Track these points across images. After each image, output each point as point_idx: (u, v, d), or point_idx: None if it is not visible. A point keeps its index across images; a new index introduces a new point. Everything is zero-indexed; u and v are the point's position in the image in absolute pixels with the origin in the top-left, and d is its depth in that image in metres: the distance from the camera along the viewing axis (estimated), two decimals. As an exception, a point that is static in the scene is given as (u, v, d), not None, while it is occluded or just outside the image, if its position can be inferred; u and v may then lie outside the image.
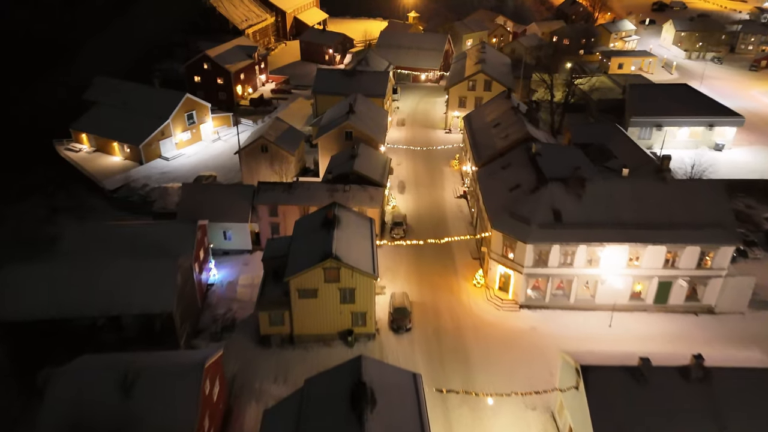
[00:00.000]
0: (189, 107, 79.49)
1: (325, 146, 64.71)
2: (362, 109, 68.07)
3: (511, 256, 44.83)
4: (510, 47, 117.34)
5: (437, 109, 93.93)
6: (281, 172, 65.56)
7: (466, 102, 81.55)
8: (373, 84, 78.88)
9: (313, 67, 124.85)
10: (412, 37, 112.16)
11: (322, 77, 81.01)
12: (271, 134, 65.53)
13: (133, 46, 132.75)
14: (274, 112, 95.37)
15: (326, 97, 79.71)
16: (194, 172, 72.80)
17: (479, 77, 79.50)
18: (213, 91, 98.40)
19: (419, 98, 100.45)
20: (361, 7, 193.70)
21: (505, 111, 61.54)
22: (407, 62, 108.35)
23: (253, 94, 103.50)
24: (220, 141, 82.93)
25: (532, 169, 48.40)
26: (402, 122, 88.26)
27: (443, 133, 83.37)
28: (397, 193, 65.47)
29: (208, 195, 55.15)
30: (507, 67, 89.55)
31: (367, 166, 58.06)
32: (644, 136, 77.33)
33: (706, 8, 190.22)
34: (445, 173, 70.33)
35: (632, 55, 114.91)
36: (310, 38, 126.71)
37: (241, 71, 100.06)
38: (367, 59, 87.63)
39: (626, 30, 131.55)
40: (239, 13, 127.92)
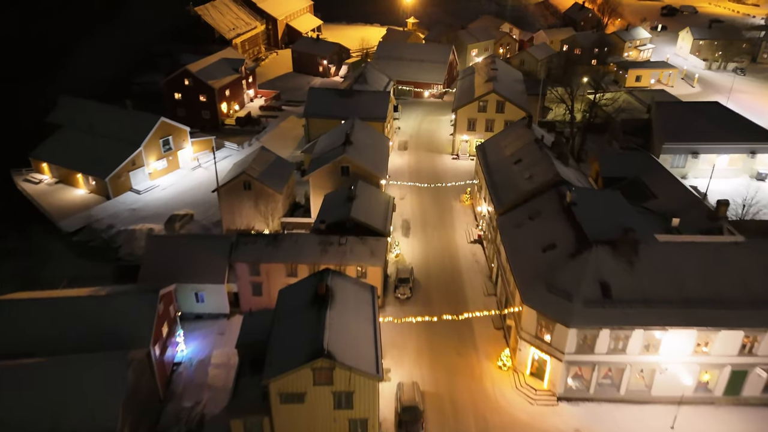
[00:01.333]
0: (165, 132, 70.47)
1: (318, 184, 55.83)
2: (360, 137, 59.22)
3: (547, 339, 36.06)
4: (519, 58, 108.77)
5: (442, 130, 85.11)
6: (267, 213, 56.62)
7: (475, 125, 72.80)
8: (373, 106, 70.06)
9: (306, 79, 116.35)
10: (413, 49, 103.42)
11: (315, 98, 72.08)
12: (254, 169, 56.58)
13: (116, 55, 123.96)
14: (262, 132, 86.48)
15: (319, 121, 70.85)
16: (168, 208, 63.79)
17: (491, 98, 70.75)
18: (195, 109, 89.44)
19: (422, 116, 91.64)
20: (357, 13, 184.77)
21: (526, 143, 52.76)
22: (408, 76, 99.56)
23: (239, 112, 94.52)
24: (200, 169, 73.91)
25: (569, 224, 39.63)
26: (404, 146, 79.41)
27: (450, 159, 74.56)
28: (400, 236, 56.65)
29: (176, 250, 46.09)
30: (520, 84, 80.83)
31: (367, 210, 49.21)
32: (678, 164, 68.76)
33: (718, 13, 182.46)
34: (455, 210, 61.50)
35: (650, 66, 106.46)
36: (303, 48, 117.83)
37: (227, 87, 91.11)
38: (365, 75, 78.77)
39: (641, 38, 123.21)
40: (227, 22, 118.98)
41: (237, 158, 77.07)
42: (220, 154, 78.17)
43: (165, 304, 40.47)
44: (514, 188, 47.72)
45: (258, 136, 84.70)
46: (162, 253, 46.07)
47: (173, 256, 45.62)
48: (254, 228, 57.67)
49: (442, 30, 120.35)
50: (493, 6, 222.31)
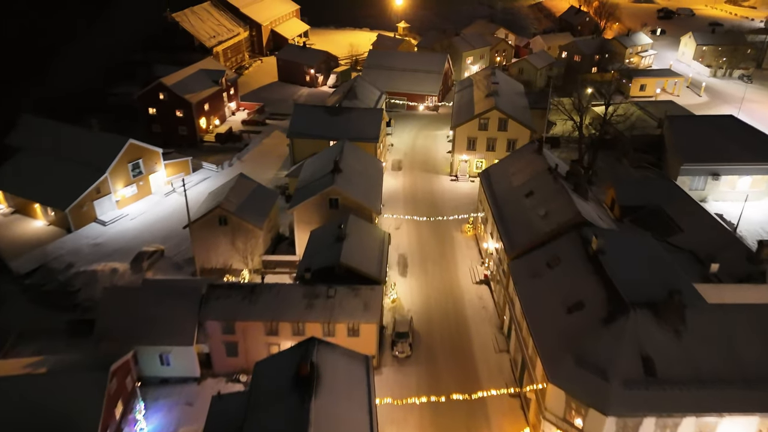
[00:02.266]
0: (134, 155, 63.74)
1: (304, 218, 49.48)
2: (351, 162, 52.98)
3: (578, 424, 30.01)
4: (517, 67, 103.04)
5: (439, 146, 79.04)
6: (246, 251, 50.26)
7: (476, 144, 66.80)
8: (364, 124, 63.83)
9: (292, 90, 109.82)
10: (406, 57, 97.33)
11: (300, 116, 65.64)
12: (231, 201, 50.13)
13: (93, 64, 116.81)
14: (244, 150, 79.91)
15: (306, 141, 64.51)
16: (137, 242, 57.14)
17: (492, 115, 64.77)
18: (171, 125, 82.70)
19: (416, 131, 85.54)
20: (346, 17, 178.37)
21: (538, 172, 46.75)
22: (401, 87, 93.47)
23: (220, 127, 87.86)
24: (175, 194, 67.24)
25: (598, 278, 33.64)
26: (398, 165, 73.23)
27: (448, 180, 68.48)
28: (397, 275, 50.46)
29: (137, 305, 39.54)
30: (522, 97, 74.94)
31: (359, 252, 42.98)
32: (697, 187, 63.19)
33: (715, 15, 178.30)
34: (456, 242, 55.40)
35: (655, 74, 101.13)
36: (289, 56, 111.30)
37: (205, 101, 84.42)
38: (355, 90, 72.41)
39: (642, 44, 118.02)
40: (207, 29, 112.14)
41: (216, 181, 70.82)
42: (197, 177, 71.63)
43: (119, 378, 33.99)
44: (528, 227, 41.65)
45: (239, 155, 78.17)
46: (120, 308, 39.52)
47: (133, 311, 39.08)
48: (231, 266, 51.30)
49: (435, 36, 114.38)
50: (486, 9, 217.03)
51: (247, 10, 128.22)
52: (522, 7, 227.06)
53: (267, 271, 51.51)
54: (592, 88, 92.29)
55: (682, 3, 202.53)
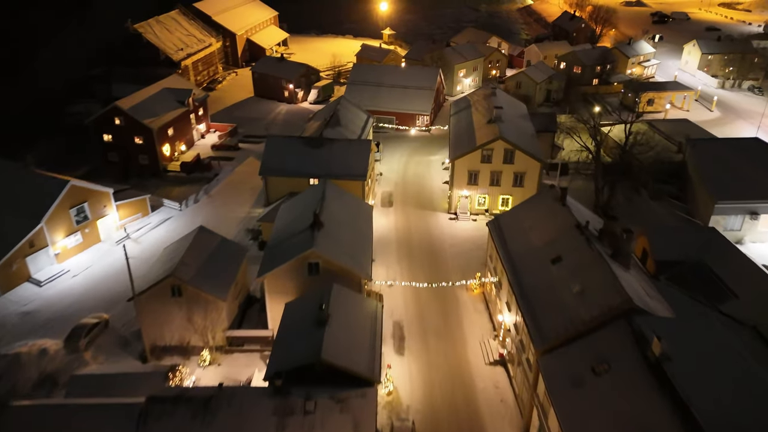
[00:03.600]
0: (77, 199, 53.92)
1: (277, 287, 40.25)
2: (334, 211, 43.92)
3: None
4: (515, 81, 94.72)
5: (433, 175, 70.27)
6: (206, 326, 40.97)
7: (478, 177, 58.11)
8: (349, 159, 54.75)
9: (269, 106, 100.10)
10: (394, 72, 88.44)
11: (274, 151, 56.23)
12: (188, 265, 40.70)
13: (52, 79, 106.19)
14: (213, 181, 70.38)
15: (282, 180, 55.28)
16: (76, 308, 47.42)
17: (497, 146, 56.12)
18: (130, 153, 72.85)
19: (407, 156, 76.67)
20: (327, 23, 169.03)
21: (563, 230, 38.09)
22: (389, 105, 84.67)
23: (187, 154, 78.10)
24: (129, 240, 57.53)
25: (666, 401, 25.04)
26: (388, 199, 64.27)
27: (447, 219, 59.70)
28: (392, 352, 41.52)
29: (52, 428, 29.95)
30: (526, 120, 66.46)
31: (347, 341, 33.87)
32: (732, 227, 55.23)
33: (710, 19, 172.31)
34: (461, 303, 46.52)
35: (664, 88, 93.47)
36: (265, 69, 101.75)
37: (169, 125, 74.65)
38: (338, 116, 63.15)
39: (644, 53, 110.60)
40: (174, 40, 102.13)
41: (178, 222, 61.31)
42: (157, 217, 61.96)
43: None
44: (559, 309, 32.91)
45: (207, 188, 68.57)
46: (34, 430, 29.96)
47: (49, 437, 29.56)
48: (188, 343, 41.89)
49: (424, 47, 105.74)
50: (472, 13, 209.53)
51: (219, 19, 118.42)
52: (510, 11, 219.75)
53: (233, 348, 42.23)
54: (599, 105, 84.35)
55: (675, 6, 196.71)
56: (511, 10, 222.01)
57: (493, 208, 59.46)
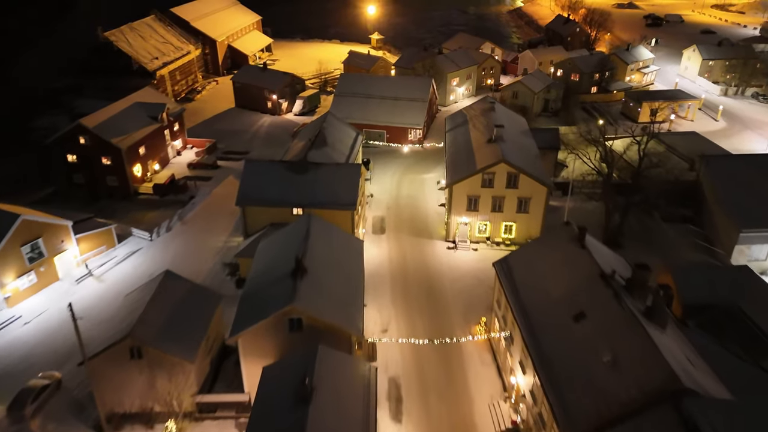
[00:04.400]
0: (30, 234, 47.85)
1: (253, 348, 34.65)
2: (320, 253, 38.45)
3: None
4: (511, 90, 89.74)
5: (428, 196, 64.99)
6: (171, 394, 35.26)
7: (478, 203, 52.90)
8: (337, 186, 49.21)
9: (252, 118, 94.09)
10: (384, 83, 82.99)
11: (253, 178, 50.50)
12: (149, 322, 34.97)
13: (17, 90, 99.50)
14: (189, 205, 64.54)
15: (261, 210, 49.62)
16: (24, 366, 41.36)
17: (500, 169, 50.94)
18: (98, 174, 66.74)
19: (400, 173, 71.33)
20: (313, 26, 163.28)
21: (585, 279, 32.90)
22: (379, 118, 79.27)
23: (160, 174, 72.13)
24: (91, 278, 51.59)
25: None
26: (381, 225, 58.86)
27: (445, 248, 54.41)
28: (388, 419, 36.07)
29: None
30: (528, 137, 61.43)
31: (335, 423, 28.43)
32: (757, 257, 50.56)
33: (705, 22, 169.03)
34: (466, 354, 40.89)
35: (667, 96, 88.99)
36: (247, 79, 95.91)
37: (141, 143, 68.63)
38: (324, 135, 57.55)
39: (644, 59, 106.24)
40: (149, 48, 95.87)
41: (148, 254, 55.45)
42: (124, 250, 56.04)
43: None
44: (588, 382, 27.70)
45: (182, 213, 62.71)
46: None
47: None
48: (152, 410, 36.19)
49: (414, 54, 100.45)
50: (462, 17, 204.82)
51: (198, 25, 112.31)
52: (500, 13, 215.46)
53: (203, 416, 36.59)
54: (602, 118, 79.81)
55: (667, 8, 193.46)
56: (501, 12, 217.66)
57: (496, 235, 54.34)
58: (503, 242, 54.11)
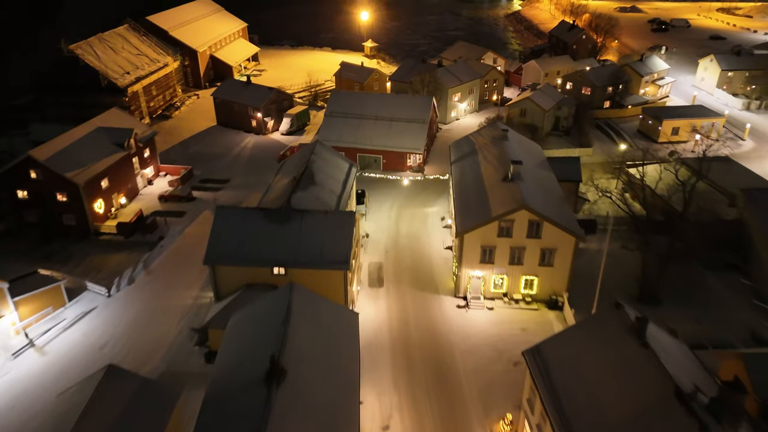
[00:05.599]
0: (-48, 302, 39.34)
1: (213, 486, 26.31)
2: (304, 337, 30.19)
3: None
4: (519, 108, 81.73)
5: (432, 236, 56.86)
6: None
7: (493, 254, 44.79)
8: (326, 240, 40.87)
9: (234, 138, 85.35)
10: (380, 102, 74.65)
11: (225, 227, 42.01)
12: (78, 449, 26.59)
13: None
14: (157, 248, 56.17)
15: (234, 270, 41.18)
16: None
17: (520, 216, 42.89)
18: (52, 212, 58.18)
19: (398, 207, 63.18)
20: (303, 32, 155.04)
21: (653, 395, 24.86)
22: (374, 141, 71.11)
23: (126, 208, 63.62)
24: (31, 351, 43.01)
25: None
26: (378, 275, 50.58)
27: (455, 307, 46.23)
28: None
29: None
30: (547, 170, 53.44)
31: None
32: (825, 318, 42.79)
33: (712, 26, 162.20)
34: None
35: (688, 113, 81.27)
36: (229, 95, 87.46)
37: (103, 175, 60.16)
38: (312, 171, 49.16)
39: (658, 70, 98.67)
40: (120, 62, 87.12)
41: (104, 314, 46.95)
42: (75, 309, 47.48)
43: None
44: None
45: (147, 259, 54.27)
46: None
47: None
48: None
49: (411, 67, 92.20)
50: (457, 20, 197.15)
51: (177, 34, 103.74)
52: (496, 17, 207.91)
53: None
54: (624, 142, 72.06)
55: (671, 12, 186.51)
56: (498, 16, 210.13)
57: (514, 291, 46.27)
58: (523, 299, 46.08)
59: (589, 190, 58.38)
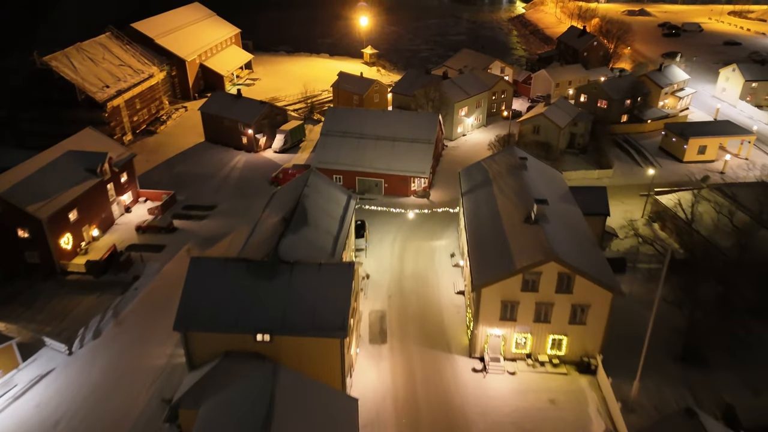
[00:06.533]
0: None
1: None
2: None
3: None
4: (531, 125, 75.18)
5: (441, 275, 50.38)
6: None
7: (516, 311, 38.36)
8: (321, 297, 34.32)
9: (223, 157, 78.08)
10: (381, 119, 68.11)
11: (200, 284, 35.41)
12: None
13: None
14: (130, 290, 49.72)
15: (211, 337, 34.63)
16: None
17: (548, 269, 36.42)
18: (12, 250, 51.64)
19: (402, 239, 56.71)
20: (300, 37, 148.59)
21: None
22: (374, 164, 64.65)
23: (99, 241, 57.08)
24: (-27, 427, 36.55)
25: None
26: (380, 328, 44.01)
27: (470, 371, 39.70)
28: None
29: None
30: (571, 203, 47.02)
31: None
32: None
33: (724, 31, 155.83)
34: None
35: (716, 130, 74.74)
36: (218, 109, 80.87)
37: (71, 207, 53.62)
38: (305, 207, 42.62)
39: (678, 81, 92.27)
40: (100, 73, 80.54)
41: (63, 379, 40.41)
42: (30, 372, 40.96)
43: None
44: None
45: (117, 305, 47.81)
46: None
47: None
48: None
49: (415, 79, 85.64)
50: (459, 25, 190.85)
51: (164, 42, 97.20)
52: (499, 20, 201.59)
53: None
54: (651, 166, 65.69)
55: (680, 15, 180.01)
56: (501, 19, 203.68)
57: (539, 351, 39.82)
58: (549, 361, 39.63)
59: (625, 233, 51.55)
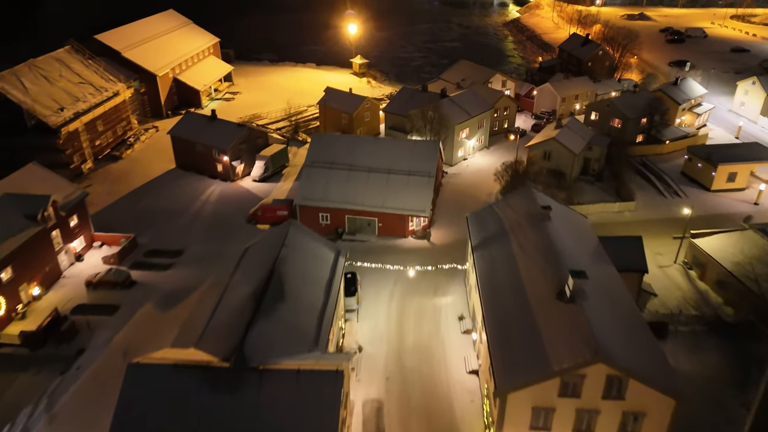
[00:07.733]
0: None
1: None
2: None
3: None
4: (542, 150, 67.02)
5: (447, 345, 42.04)
6: None
7: (551, 419, 30.09)
8: (296, 421, 25.84)
9: (195, 187, 68.62)
10: (373, 147, 59.51)
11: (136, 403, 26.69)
12: None
13: None
14: (73, 369, 40.92)
15: None
16: None
17: (595, 372, 28.15)
18: (-70, 320, 42.73)
19: (400, 295, 48.24)
20: (284, 47, 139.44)
21: None
22: (366, 201, 56.14)
23: (41, 301, 48.06)
24: None
25: None
26: (377, 426, 35.62)
27: (490, 486, 31.49)
28: None
29: None
30: (604, 259, 38.87)
31: None
32: None
33: (729, 36, 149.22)
34: None
35: (745, 155, 66.98)
36: (189, 133, 71.93)
37: (4, 264, 44.65)
38: (281, 275, 34.04)
39: (696, 96, 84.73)
40: (55, 93, 71.26)
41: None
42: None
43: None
44: None
45: (54, 393, 38.88)
46: None
47: None
48: None
49: (410, 97, 77.11)
50: (452, 30, 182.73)
51: (132, 55, 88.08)
52: (495, 25, 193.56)
53: None
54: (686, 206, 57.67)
55: (681, 20, 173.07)
56: (495, 24, 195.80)
57: (577, 466, 31.53)
58: (591, 477, 31.34)
59: (684, 311, 43.42)
